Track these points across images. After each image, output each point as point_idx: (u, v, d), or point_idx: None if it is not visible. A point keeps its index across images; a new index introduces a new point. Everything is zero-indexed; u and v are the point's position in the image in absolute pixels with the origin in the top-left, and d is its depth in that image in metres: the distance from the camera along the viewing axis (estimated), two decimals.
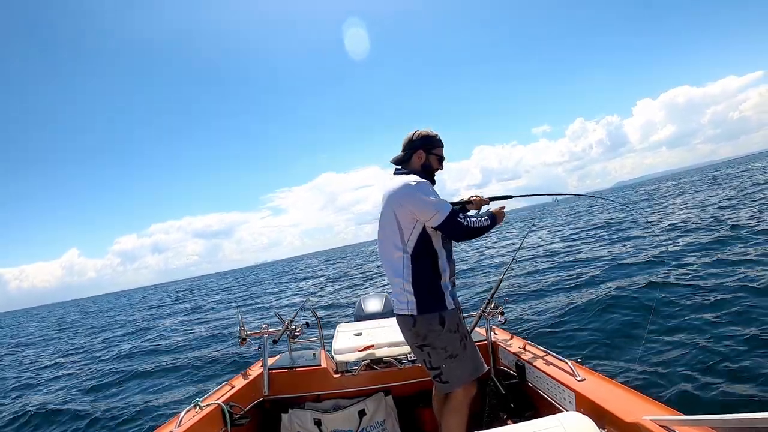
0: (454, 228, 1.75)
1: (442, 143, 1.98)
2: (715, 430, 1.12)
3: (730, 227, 8.40)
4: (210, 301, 18.98)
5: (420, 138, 1.92)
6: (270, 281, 26.71)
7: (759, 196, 13.19)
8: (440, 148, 1.97)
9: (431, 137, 1.94)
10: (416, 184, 1.78)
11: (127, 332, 12.58)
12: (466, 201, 2.10)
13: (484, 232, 1.85)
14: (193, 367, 6.25)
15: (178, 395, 5.04)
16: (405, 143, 1.96)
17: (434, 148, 1.94)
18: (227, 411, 2.06)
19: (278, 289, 18.45)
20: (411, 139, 1.93)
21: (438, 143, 1.96)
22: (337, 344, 2.44)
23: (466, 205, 2.10)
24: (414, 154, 1.92)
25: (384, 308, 2.98)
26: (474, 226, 1.80)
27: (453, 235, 1.82)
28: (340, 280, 16.01)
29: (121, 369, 7.14)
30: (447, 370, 1.81)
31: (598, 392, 1.64)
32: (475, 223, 1.81)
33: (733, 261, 6.01)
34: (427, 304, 1.79)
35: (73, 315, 33.50)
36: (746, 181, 21.59)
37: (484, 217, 1.88)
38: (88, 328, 16.76)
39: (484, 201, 2.10)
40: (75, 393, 6.17)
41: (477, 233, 1.83)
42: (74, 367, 8.33)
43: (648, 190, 36.57)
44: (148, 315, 17.00)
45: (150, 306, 23.37)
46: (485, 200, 2.10)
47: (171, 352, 7.91)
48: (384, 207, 1.87)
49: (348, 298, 10.75)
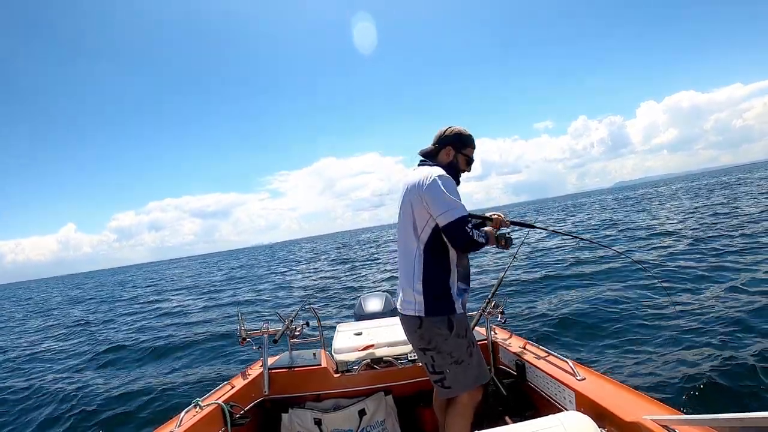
0: (458, 234, 1.68)
1: (474, 144, 1.93)
2: (715, 429, 1.12)
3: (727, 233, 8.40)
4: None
5: (453, 134, 1.88)
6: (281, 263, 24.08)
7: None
8: (471, 149, 1.92)
9: (465, 136, 1.89)
10: (440, 177, 1.72)
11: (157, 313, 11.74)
12: (486, 217, 2.01)
13: (478, 249, 1.78)
14: (194, 367, 6.25)
15: (178, 395, 5.03)
16: (436, 137, 1.91)
17: (465, 147, 1.90)
18: (227, 411, 2.06)
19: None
20: (443, 134, 1.89)
21: (470, 143, 1.91)
22: (337, 344, 2.45)
23: (485, 220, 2.01)
24: (443, 150, 1.89)
25: (384, 308, 2.99)
26: (476, 240, 1.73)
27: (455, 242, 1.73)
28: (341, 278, 15.96)
29: (121, 367, 7.12)
30: (451, 376, 1.77)
31: (599, 392, 1.64)
32: (477, 237, 1.73)
33: (731, 263, 6.01)
34: (435, 306, 1.74)
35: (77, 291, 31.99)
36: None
37: (482, 235, 1.79)
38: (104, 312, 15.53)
39: (505, 223, 1.99)
40: (72, 392, 6.16)
41: (474, 248, 1.76)
42: (66, 360, 8.31)
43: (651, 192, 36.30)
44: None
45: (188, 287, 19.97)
46: (506, 222, 1.99)
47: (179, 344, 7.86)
48: (403, 197, 1.82)
49: (347, 298, 10.76)
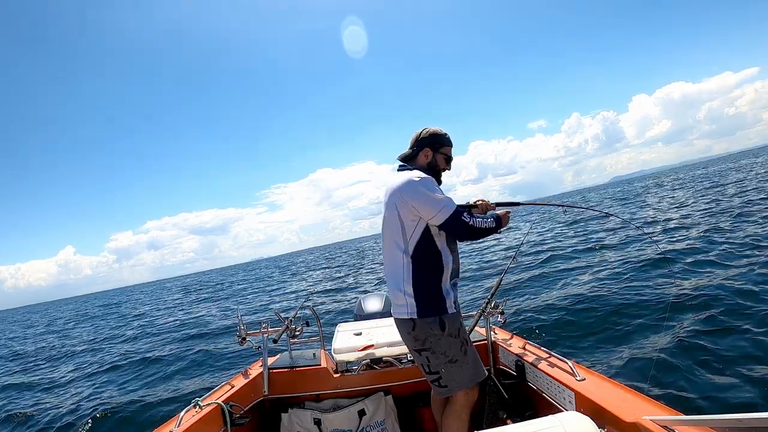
0: (457, 226, 1.72)
1: (450, 143, 1.96)
2: (715, 430, 1.12)
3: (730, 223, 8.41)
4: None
5: (428, 135, 1.91)
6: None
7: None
8: (448, 148, 1.95)
9: (440, 135, 1.92)
10: (420, 180, 1.75)
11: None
12: (471, 205, 2.08)
13: (488, 233, 1.82)
14: (194, 366, 6.25)
15: (178, 395, 5.03)
16: (412, 140, 1.94)
17: (442, 146, 1.93)
18: (227, 410, 2.06)
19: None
20: (419, 136, 1.92)
21: (446, 142, 1.94)
22: (337, 344, 2.44)
23: (471, 209, 2.07)
24: (421, 152, 1.91)
25: (384, 308, 2.99)
26: (479, 226, 1.77)
27: (457, 234, 1.79)
28: (340, 279, 15.93)
29: (121, 364, 7.13)
30: (446, 375, 1.79)
31: (598, 392, 1.64)
32: (480, 223, 1.77)
33: (733, 258, 6.01)
34: (427, 308, 1.76)
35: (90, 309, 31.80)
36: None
37: (490, 219, 1.84)
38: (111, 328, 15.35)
39: (490, 206, 2.07)
40: (70, 390, 6.16)
41: (482, 234, 1.80)
42: (71, 363, 8.32)
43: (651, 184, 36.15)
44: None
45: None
46: (491, 205, 2.07)
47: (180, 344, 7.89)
48: (387, 203, 1.84)
49: (348, 297, 10.76)
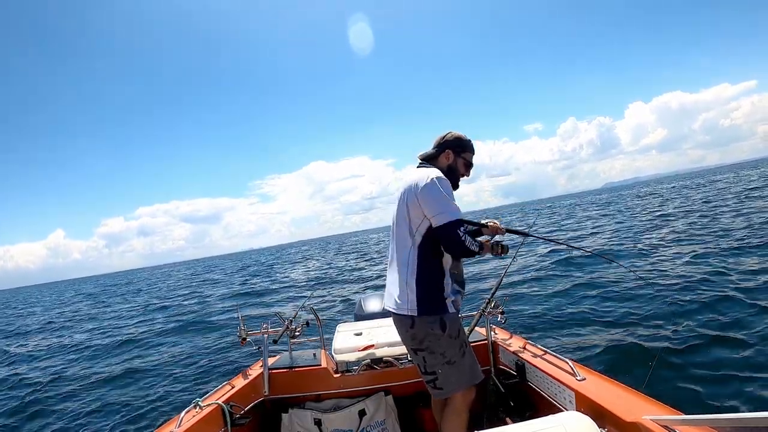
0: (451, 236, 1.67)
1: (473, 149, 1.97)
2: (715, 429, 1.12)
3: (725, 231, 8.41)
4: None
5: (453, 139, 1.93)
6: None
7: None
8: (470, 154, 1.96)
9: (464, 141, 1.94)
10: (437, 178, 1.74)
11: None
12: (482, 224, 2.04)
13: (470, 255, 1.76)
14: (194, 366, 6.24)
15: (178, 395, 5.03)
16: (436, 141, 1.96)
17: (465, 151, 1.94)
18: (227, 411, 2.06)
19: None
20: (443, 138, 1.94)
21: (469, 148, 1.96)
22: (337, 344, 2.44)
23: (481, 228, 2.04)
24: (442, 153, 1.93)
25: (384, 308, 2.98)
26: (467, 245, 1.70)
27: (447, 244, 1.72)
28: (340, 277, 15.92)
29: (120, 364, 7.12)
30: (442, 377, 1.78)
31: (598, 392, 1.64)
32: (469, 244, 1.71)
33: (731, 264, 6.01)
34: (428, 306, 1.74)
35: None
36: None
37: (476, 244, 1.76)
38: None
39: (501, 230, 2.03)
40: (70, 390, 6.15)
41: (466, 254, 1.75)
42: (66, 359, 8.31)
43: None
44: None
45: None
46: (501, 229, 2.03)
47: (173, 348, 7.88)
48: (400, 197, 1.85)
49: (348, 297, 10.75)
